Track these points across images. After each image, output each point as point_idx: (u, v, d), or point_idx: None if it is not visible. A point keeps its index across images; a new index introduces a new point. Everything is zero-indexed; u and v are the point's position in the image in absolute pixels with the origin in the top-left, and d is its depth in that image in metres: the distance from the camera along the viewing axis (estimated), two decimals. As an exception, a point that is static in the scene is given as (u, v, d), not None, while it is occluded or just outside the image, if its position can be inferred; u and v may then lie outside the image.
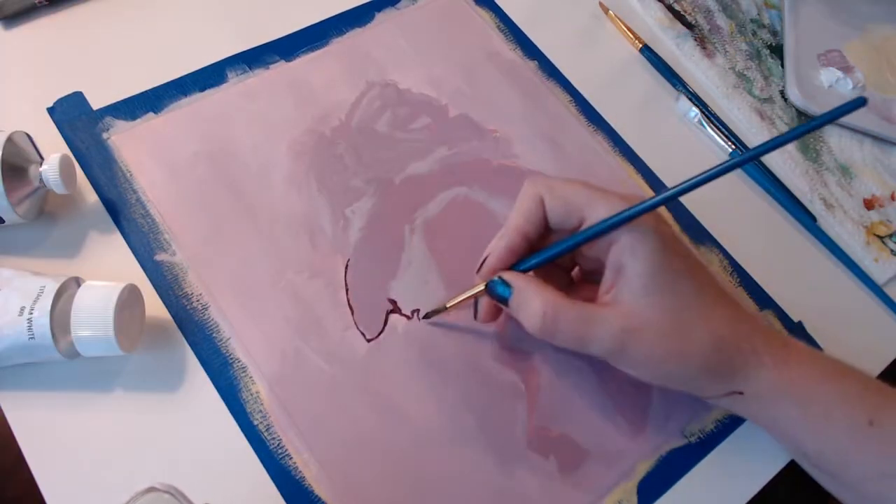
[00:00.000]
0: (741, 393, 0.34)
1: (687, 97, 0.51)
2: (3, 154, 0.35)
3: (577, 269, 0.38)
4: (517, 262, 0.35)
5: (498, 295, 0.35)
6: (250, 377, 0.36)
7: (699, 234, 0.45)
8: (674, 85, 0.52)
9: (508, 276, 0.34)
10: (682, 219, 0.45)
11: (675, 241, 0.34)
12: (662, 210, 0.45)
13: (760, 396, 0.34)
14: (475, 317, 0.38)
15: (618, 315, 0.33)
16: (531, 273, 0.36)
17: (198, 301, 0.38)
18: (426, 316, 0.39)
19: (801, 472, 0.39)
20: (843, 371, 0.35)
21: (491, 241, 0.36)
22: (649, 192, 0.46)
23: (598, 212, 0.33)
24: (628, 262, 0.33)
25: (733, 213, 0.47)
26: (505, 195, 0.44)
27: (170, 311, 0.37)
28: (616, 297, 0.33)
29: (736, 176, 0.49)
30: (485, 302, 0.37)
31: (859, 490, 0.34)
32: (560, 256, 0.35)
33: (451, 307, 0.38)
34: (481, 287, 0.36)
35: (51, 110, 0.42)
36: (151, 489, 0.27)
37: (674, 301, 0.33)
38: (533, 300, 0.33)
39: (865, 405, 0.34)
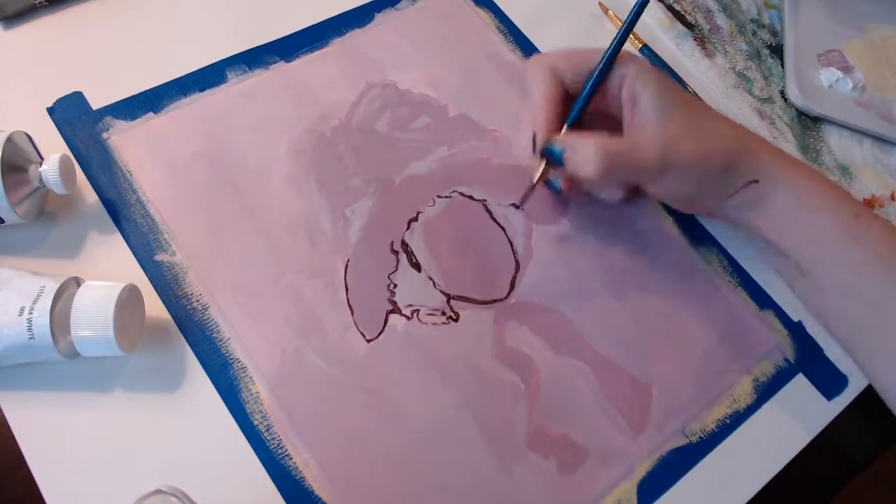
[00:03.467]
0: (756, 181, 0.38)
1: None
2: (2, 154, 0.35)
3: None
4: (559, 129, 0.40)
5: (554, 155, 0.39)
6: (250, 377, 0.36)
7: (699, 234, 0.45)
8: (674, 85, 0.52)
9: (557, 138, 0.39)
10: (682, 219, 0.45)
11: (667, 75, 0.40)
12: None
13: (767, 184, 0.38)
14: (558, 193, 0.43)
15: (653, 137, 0.38)
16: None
17: (198, 301, 0.38)
18: (522, 203, 0.43)
19: (801, 472, 0.39)
20: (825, 175, 0.41)
21: (522, 129, 0.40)
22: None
23: (599, 56, 0.39)
24: (640, 91, 0.38)
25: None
26: (505, 195, 0.44)
27: (170, 311, 0.37)
28: (642, 126, 0.38)
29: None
30: (559, 174, 0.41)
31: (832, 282, 0.38)
32: (593, 95, 0.39)
33: (537, 182, 0.41)
34: (543, 163, 0.40)
35: (51, 110, 0.42)
36: (158, 491, 0.27)
37: (689, 112, 0.38)
38: (584, 148, 0.37)
39: (850, 202, 0.39)
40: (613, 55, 0.39)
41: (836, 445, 0.41)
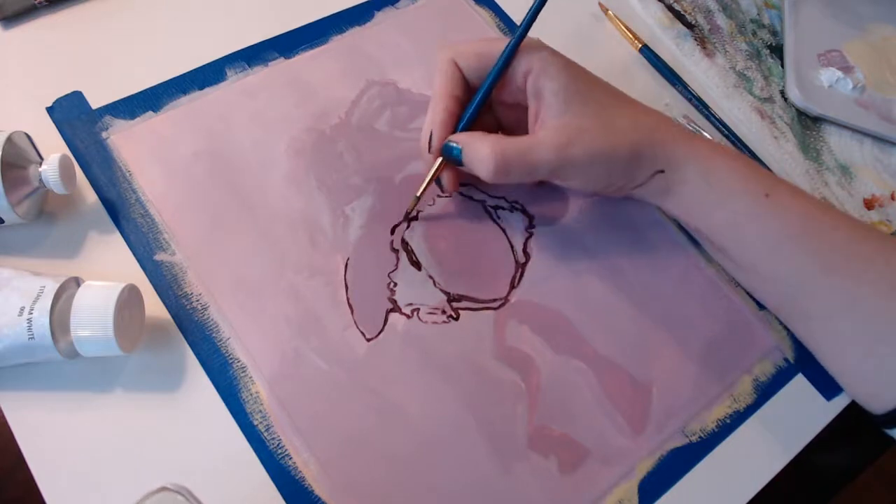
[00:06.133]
0: (662, 171, 0.38)
1: (685, 97, 0.51)
2: (2, 154, 0.35)
3: (499, 132, 0.43)
4: (456, 126, 0.40)
5: (452, 157, 0.39)
6: (250, 377, 0.36)
7: (699, 233, 0.45)
8: (674, 85, 0.52)
9: (454, 137, 0.39)
10: (683, 218, 0.45)
11: (574, 63, 0.39)
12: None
13: (675, 171, 0.38)
14: (442, 191, 0.43)
15: (552, 134, 0.37)
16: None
17: (197, 301, 0.38)
18: (406, 218, 0.42)
19: (802, 472, 0.39)
20: (738, 153, 0.40)
21: (425, 121, 0.40)
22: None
23: (501, 50, 0.38)
24: (544, 84, 0.37)
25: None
26: (505, 194, 0.44)
27: (170, 311, 0.37)
28: (544, 121, 0.38)
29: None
30: (447, 173, 0.41)
31: (755, 268, 0.39)
32: (488, 96, 0.39)
33: (421, 194, 0.41)
34: (438, 160, 0.40)
35: (50, 110, 0.42)
36: (163, 489, 0.27)
37: (592, 106, 0.38)
38: (480, 148, 0.37)
39: (761, 180, 0.38)
40: (509, 58, 0.38)
41: (836, 446, 0.41)
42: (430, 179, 0.40)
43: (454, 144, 0.38)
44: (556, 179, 0.39)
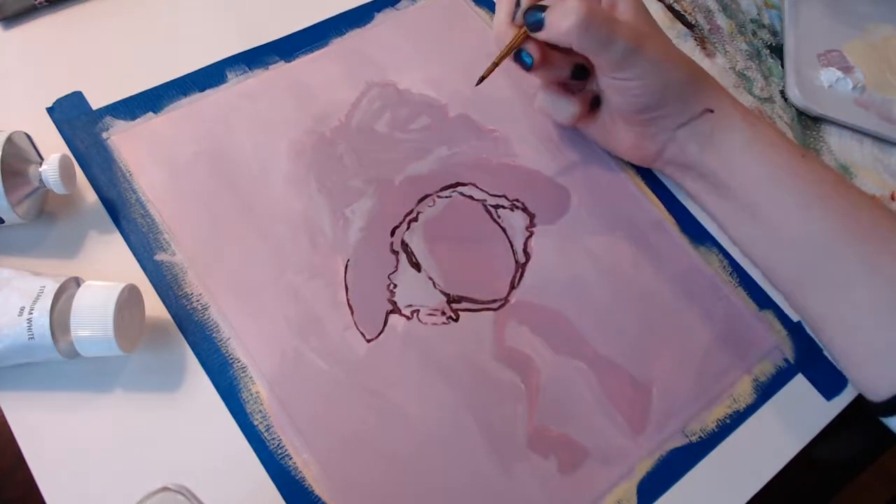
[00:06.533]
0: (712, 111, 0.40)
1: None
2: (2, 154, 0.35)
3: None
4: None
5: (536, 17, 0.38)
6: (250, 377, 0.36)
7: (699, 234, 0.45)
8: (674, 85, 0.52)
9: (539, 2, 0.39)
10: (683, 219, 0.45)
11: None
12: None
13: (723, 116, 0.40)
14: (526, 69, 0.41)
15: (632, 21, 0.39)
16: None
17: (198, 301, 0.38)
18: (480, 80, 0.41)
19: (801, 472, 0.39)
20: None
21: (501, 4, 0.40)
22: (650, 196, 0.46)
23: None
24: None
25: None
26: (505, 195, 0.44)
27: (170, 311, 0.37)
28: (622, 14, 0.39)
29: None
30: (531, 46, 0.40)
31: (784, 227, 0.39)
32: None
33: (499, 60, 0.40)
34: (521, 31, 0.39)
35: (50, 110, 0.42)
36: (164, 489, 0.27)
37: (660, 29, 0.40)
38: (568, 2, 0.37)
39: (797, 143, 0.40)
40: None
41: (836, 445, 0.41)
42: (509, 49, 0.40)
43: (540, 6, 0.38)
44: (619, 72, 0.39)
